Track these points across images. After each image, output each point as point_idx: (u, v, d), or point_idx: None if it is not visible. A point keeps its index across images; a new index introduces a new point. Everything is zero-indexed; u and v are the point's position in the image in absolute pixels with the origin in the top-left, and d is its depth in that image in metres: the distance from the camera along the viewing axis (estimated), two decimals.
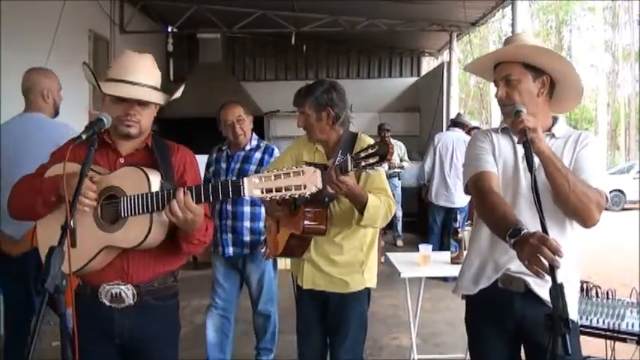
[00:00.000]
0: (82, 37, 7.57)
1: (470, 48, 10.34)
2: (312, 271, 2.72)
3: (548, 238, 1.66)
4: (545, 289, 1.94)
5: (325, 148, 2.74)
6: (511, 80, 2.07)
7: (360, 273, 2.70)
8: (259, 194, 1.76)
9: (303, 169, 1.74)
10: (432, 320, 5.09)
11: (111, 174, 1.97)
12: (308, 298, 2.79)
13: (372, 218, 2.49)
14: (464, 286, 2.25)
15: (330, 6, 8.90)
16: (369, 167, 2.10)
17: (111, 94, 2.01)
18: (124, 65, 2.06)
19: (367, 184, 2.57)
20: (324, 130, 2.69)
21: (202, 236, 2.03)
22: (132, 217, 1.90)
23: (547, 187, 1.94)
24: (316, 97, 2.65)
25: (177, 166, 2.12)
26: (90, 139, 1.86)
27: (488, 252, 2.15)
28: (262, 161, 3.61)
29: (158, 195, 1.87)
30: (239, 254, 3.61)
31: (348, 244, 2.67)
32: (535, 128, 1.89)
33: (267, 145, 3.76)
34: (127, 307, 2.04)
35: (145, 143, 2.12)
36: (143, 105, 2.03)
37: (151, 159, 2.06)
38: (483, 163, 2.13)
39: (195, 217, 1.88)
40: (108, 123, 1.95)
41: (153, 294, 2.09)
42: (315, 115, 2.66)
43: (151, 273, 2.08)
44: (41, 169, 2.11)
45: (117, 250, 1.98)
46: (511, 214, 1.90)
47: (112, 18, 8.58)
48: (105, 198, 1.95)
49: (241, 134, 3.61)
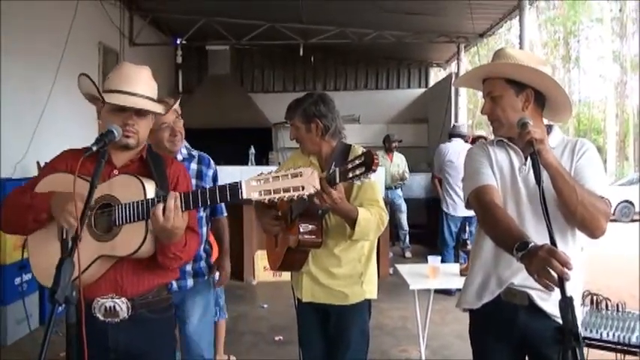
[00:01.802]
0: (91, 49, 7.63)
1: (477, 59, 10.35)
2: (310, 284, 2.73)
3: (557, 250, 1.65)
4: (549, 303, 1.93)
5: (319, 161, 2.75)
6: (494, 96, 2.09)
7: (359, 284, 2.70)
8: (257, 196, 1.74)
9: (301, 171, 1.73)
10: (440, 333, 5.05)
11: (105, 183, 1.95)
12: (308, 311, 2.79)
13: (364, 232, 2.49)
14: (467, 300, 2.24)
15: (338, 18, 8.95)
16: (357, 178, 2.10)
17: (112, 102, 2.00)
18: (121, 76, 2.05)
19: (359, 195, 2.58)
20: (314, 141, 2.71)
21: (179, 251, 1.99)
22: (127, 225, 1.88)
23: (551, 197, 1.94)
24: (304, 109, 2.68)
25: (171, 177, 2.11)
26: (100, 151, 1.85)
27: (491, 266, 2.14)
28: (201, 174, 3.08)
29: (153, 201, 1.85)
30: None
31: (346, 256, 2.67)
32: (542, 140, 1.89)
33: (202, 155, 3.18)
34: (121, 321, 2.01)
35: (139, 155, 2.11)
36: (141, 115, 2.03)
37: (146, 171, 2.05)
38: (483, 177, 2.12)
39: (175, 229, 1.86)
40: (118, 135, 1.94)
41: (147, 307, 2.06)
42: (304, 126, 2.69)
43: (145, 285, 2.06)
44: (33, 180, 2.10)
45: (111, 260, 1.95)
46: (515, 227, 1.89)
47: (121, 30, 8.64)
48: (99, 207, 1.93)
49: (179, 138, 2.95)
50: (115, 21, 8.39)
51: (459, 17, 8.23)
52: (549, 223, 1.69)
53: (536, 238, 1.79)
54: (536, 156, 1.85)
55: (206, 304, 3.09)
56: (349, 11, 8.50)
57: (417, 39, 9.60)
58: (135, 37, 9.07)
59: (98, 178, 1.82)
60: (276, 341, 4.90)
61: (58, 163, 2.11)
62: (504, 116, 2.07)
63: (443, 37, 9.51)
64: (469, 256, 3.82)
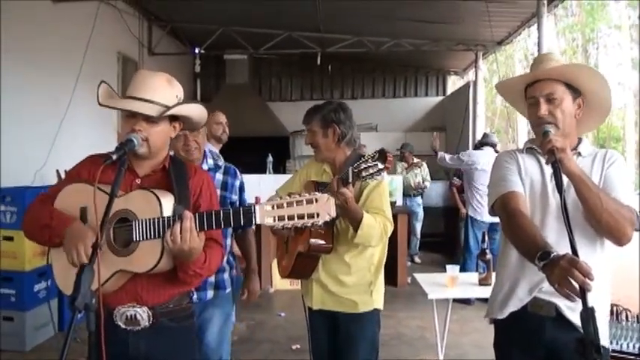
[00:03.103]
0: (111, 58, 7.72)
1: (496, 67, 10.29)
2: (320, 291, 2.73)
3: (579, 260, 1.63)
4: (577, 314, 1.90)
5: (332, 169, 2.75)
6: (554, 99, 2.05)
7: (368, 294, 2.70)
8: (271, 222, 1.72)
9: (316, 197, 1.70)
10: (459, 342, 5.01)
11: (124, 197, 1.93)
12: (318, 319, 2.80)
13: (366, 237, 2.50)
14: (494, 310, 2.21)
15: (355, 27, 8.97)
16: (370, 177, 2.13)
17: (105, 105, 2.01)
18: (133, 82, 2.04)
19: (366, 203, 2.60)
20: (329, 147, 2.72)
21: (199, 268, 1.97)
22: (143, 242, 1.87)
23: (577, 206, 1.91)
24: (323, 115, 2.71)
25: (193, 189, 2.09)
26: (120, 160, 1.85)
27: (518, 273, 2.11)
28: (226, 185, 3.09)
29: (169, 220, 1.84)
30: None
31: (356, 263, 2.67)
32: (563, 148, 1.87)
33: (228, 166, 3.17)
34: (142, 330, 2.01)
35: (162, 164, 2.09)
36: (150, 122, 1.98)
37: (168, 181, 2.03)
38: (510, 184, 2.10)
39: (192, 249, 1.84)
40: (138, 143, 1.93)
41: (168, 315, 2.06)
42: (321, 132, 2.71)
43: (165, 296, 2.05)
44: (56, 188, 2.10)
45: (129, 274, 1.95)
46: (539, 237, 1.86)
47: (140, 40, 8.75)
48: (118, 221, 1.93)
49: (196, 148, 2.94)
50: (134, 31, 8.49)
51: (477, 25, 8.20)
52: (571, 232, 1.68)
53: (563, 246, 1.76)
54: (558, 165, 1.83)
55: (226, 316, 3.08)
56: (366, 20, 8.52)
57: (434, 47, 9.58)
58: (154, 46, 9.16)
59: (118, 187, 1.82)
60: (293, 350, 4.89)
61: (80, 169, 2.11)
62: (563, 120, 2.04)
63: (461, 45, 9.48)
64: (488, 265, 3.81)
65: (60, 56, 6.23)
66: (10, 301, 4.90)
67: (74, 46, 6.45)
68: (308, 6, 7.81)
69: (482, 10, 7.29)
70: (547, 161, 1.89)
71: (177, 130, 2.12)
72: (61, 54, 6.25)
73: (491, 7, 7.10)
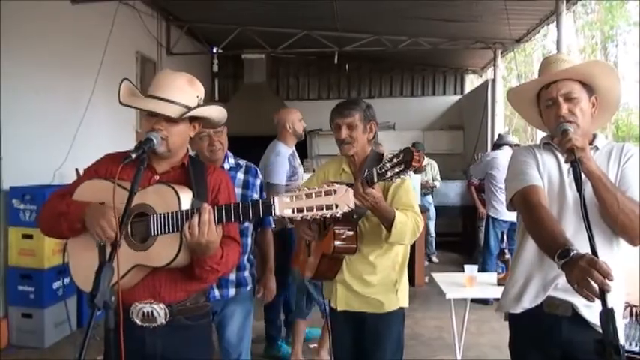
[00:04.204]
0: (129, 58, 7.78)
1: (514, 65, 10.21)
2: (345, 292, 2.72)
3: (598, 260, 1.61)
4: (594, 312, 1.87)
5: (352, 167, 2.75)
6: (573, 98, 2.03)
7: (394, 292, 2.69)
8: (290, 214, 1.73)
9: (334, 188, 1.72)
10: (477, 343, 4.98)
11: (141, 191, 1.94)
12: (342, 320, 2.77)
13: (400, 234, 2.47)
14: (507, 304, 2.20)
15: (372, 26, 8.94)
16: (396, 176, 2.10)
17: (125, 104, 2.03)
18: (154, 82, 2.06)
19: (394, 201, 2.57)
20: (364, 143, 2.71)
21: (216, 264, 1.98)
22: (161, 236, 1.89)
23: (594, 202, 1.90)
24: (364, 109, 2.69)
25: (212, 186, 2.10)
26: (140, 159, 1.87)
27: (534, 268, 2.10)
28: (247, 184, 3.12)
29: (188, 213, 1.85)
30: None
31: (381, 263, 2.66)
32: (583, 148, 1.85)
33: (249, 165, 3.21)
34: (158, 327, 2.02)
35: (181, 162, 2.12)
36: (170, 122, 2.00)
37: (186, 178, 2.05)
38: (529, 178, 2.08)
39: (209, 242, 1.85)
40: (157, 142, 1.95)
41: (185, 313, 2.07)
42: (362, 126, 2.69)
43: (182, 292, 2.07)
44: (74, 184, 2.12)
45: (147, 269, 1.97)
46: (560, 233, 1.85)
47: (158, 40, 8.80)
48: (135, 215, 1.94)
49: (220, 148, 3.01)
50: (152, 31, 8.54)
51: (495, 23, 8.14)
52: (590, 232, 1.66)
53: (579, 241, 1.76)
54: (577, 164, 1.82)
55: (247, 313, 3.11)
56: (384, 19, 8.48)
57: (452, 45, 9.51)
58: (172, 46, 9.21)
59: (138, 185, 1.83)
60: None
61: (98, 167, 2.14)
62: (582, 118, 2.03)
63: (479, 44, 9.41)
64: (507, 265, 3.78)
65: (79, 57, 6.28)
66: (29, 298, 4.98)
67: (93, 47, 6.51)
68: (325, 5, 7.80)
69: (500, 8, 7.23)
70: (566, 160, 1.87)
71: (197, 129, 2.15)
72: (80, 54, 6.30)
73: (510, 4, 7.04)
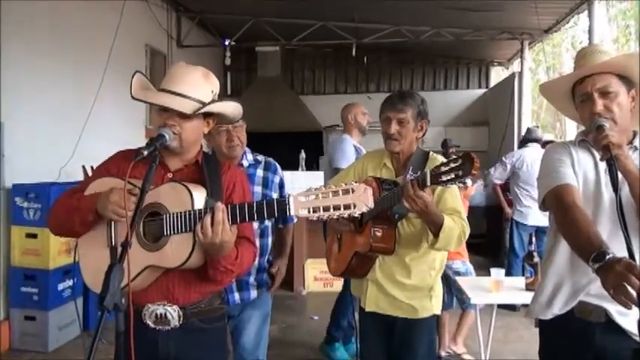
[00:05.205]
0: (138, 51, 7.83)
1: (542, 57, 10.11)
2: (376, 292, 2.68)
3: (636, 265, 1.58)
4: (629, 319, 1.84)
5: (395, 165, 2.71)
6: (609, 92, 1.98)
7: (428, 298, 2.65)
8: (306, 214, 1.73)
9: (352, 187, 1.70)
10: (503, 351, 4.93)
11: (153, 190, 1.95)
12: (371, 321, 2.74)
13: (447, 240, 2.43)
14: (536, 310, 2.17)
15: (392, 16, 8.88)
16: (451, 182, 2.05)
17: (140, 99, 2.05)
18: (167, 76, 2.08)
19: (439, 204, 2.51)
20: (412, 142, 2.67)
21: (230, 264, 1.99)
22: (174, 236, 1.90)
23: (631, 203, 1.87)
24: (418, 105, 2.64)
25: (226, 184, 2.11)
26: (152, 156, 1.88)
27: (565, 271, 2.07)
28: (267, 181, 3.11)
29: (201, 213, 1.86)
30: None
31: (416, 266, 2.62)
32: (620, 145, 1.82)
33: (268, 161, 3.19)
34: (172, 330, 2.03)
35: (195, 159, 2.13)
36: (184, 117, 2.01)
37: (200, 176, 2.06)
38: (564, 176, 2.04)
39: (224, 242, 1.86)
40: (170, 139, 1.97)
41: (199, 316, 2.08)
42: (414, 123, 2.63)
43: (197, 293, 2.07)
44: (84, 183, 2.14)
45: (160, 270, 1.98)
46: (595, 235, 1.81)
47: (169, 32, 8.84)
48: (147, 215, 1.96)
49: (238, 144, 2.97)
50: (162, 23, 8.58)
51: (523, 12, 8.06)
52: (627, 235, 1.63)
53: (615, 244, 1.73)
54: (614, 162, 1.78)
55: (265, 317, 3.12)
56: (404, 8, 8.42)
57: (477, 36, 9.44)
58: (183, 38, 9.25)
59: (149, 183, 1.84)
60: None
61: (109, 165, 2.15)
62: (620, 115, 1.98)
63: (505, 34, 9.32)
64: (535, 269, 3.75)
65: (86, 50, 6.32)
66: (33, 300, 4.99)
67: (101, 40, 6.53)
68: None
69: None
70: (602, 158, 1.84)
71: (211, 125, 2.17)
72: (87, 48, 6.33)
73: None
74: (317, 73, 12.52)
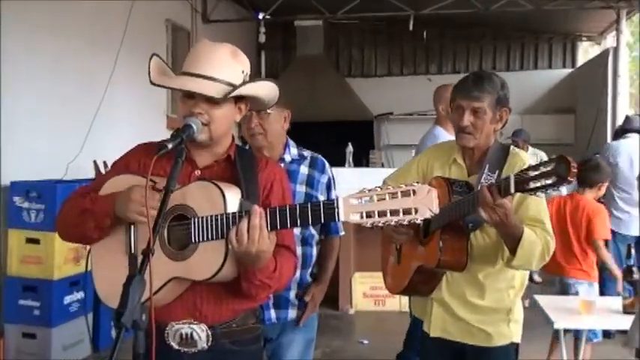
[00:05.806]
0: (158, 27, 7.90)
1: None
2: (442, 314, 2.65)
3: None
4: None
5: (468, 161, 2.66)
6: None
7: (506, 323, 2.60)
8: (358, 219, 1.71)
9: (414, 188, 1.67)
10: None
11: (179, 190, 1.95)
12: (436, 348, 2.71)
13: (526, 257, 2.36)
14: (637, 337, 2.14)
15: None
16: (540, 190, 2.00)
17: (161, 84, 2.07)
18: (191, 56, 2.09)
19: (520, 211, 2.44)
20: (489, 135, 2.61)
21: (267, 278, 1.97)
22: (204, 244, 1.90)
23: None
24: (498, 92, 2.56)
25: (263, 183, 2.11)
26: (177, 150, 1.88)
27: None
28: (312, 180, 3.09)
29: (235, 217, 1.85)
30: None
31: (492, 284, 2.57)
32: None
33: (315, 157, 3.18)
34: (198, 353, 2.04)
35: (226, 154, 2.13)
36: (212, 103, 2.00)
37: (233, 173, 2.06)
38: None
39: (261, 252, 1.85)
40: (198, 129, 1.96)
41: (230, 337, 2.08)
42: (492, 114, 2.56)
43: (229, 311, 2.08)
44: (99, 180, 2.17)
45: (186, 283, 1.98)
46: None
47: (193, 5, 8.94)
48: (173, 218, 1.96)
49: (260, 133, 2.93)
50: None
51: None
52: None
53: None
54: None
55: (308, 342, 3.11)
56: None
57: (561, 5, 9.27)
58: (209, 12, 9.35)
59: (175, 181, 1.85)
60: None
61: (129, 160, 2.18)
62: None
63: (596, 2, 9.15)
64: (635, 287, 3.67)
65: (97, 28, 6.38)
66: (33, 314, 5.00)
67: (114, 16, 6.61)
68: None
69: None
70: None
71: (244, 111, 2.16)
72: (97, 25, 6.40)
73: None
74: (367, 51, 12.51)
